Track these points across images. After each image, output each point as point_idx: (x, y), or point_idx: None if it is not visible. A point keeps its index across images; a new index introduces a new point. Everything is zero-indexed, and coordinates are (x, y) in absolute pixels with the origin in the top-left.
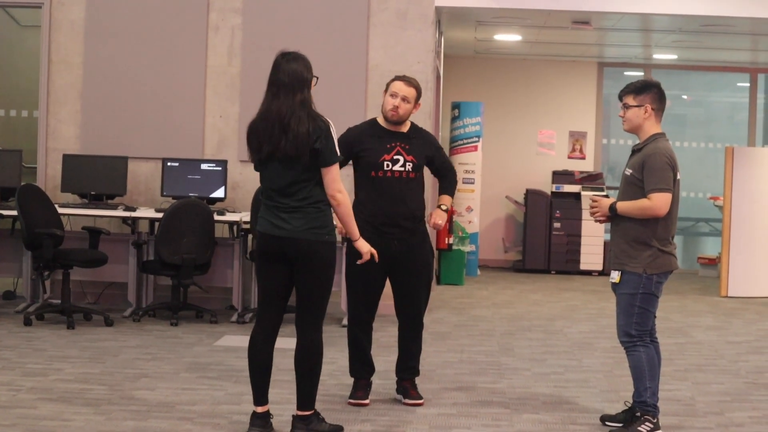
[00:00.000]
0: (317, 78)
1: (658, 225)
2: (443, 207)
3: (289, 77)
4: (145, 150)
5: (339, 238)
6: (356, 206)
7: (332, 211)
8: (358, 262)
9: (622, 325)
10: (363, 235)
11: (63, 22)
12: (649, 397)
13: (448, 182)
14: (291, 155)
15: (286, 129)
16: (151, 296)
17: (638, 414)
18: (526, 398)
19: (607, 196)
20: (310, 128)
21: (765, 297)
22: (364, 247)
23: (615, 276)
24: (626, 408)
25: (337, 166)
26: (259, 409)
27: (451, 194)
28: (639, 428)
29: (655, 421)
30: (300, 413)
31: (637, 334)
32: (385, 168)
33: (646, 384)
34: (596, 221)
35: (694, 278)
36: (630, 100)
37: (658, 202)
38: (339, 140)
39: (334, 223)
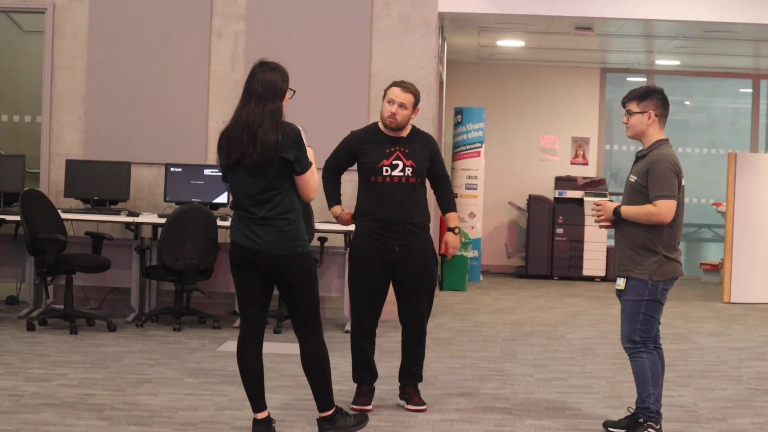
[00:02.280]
0: (294, 91)
1: (663, 231)
2: (456, 230)
3: (263, 86)
4: (148, 155)
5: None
6: (358, 212)
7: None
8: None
9: (626, 332)
10: (365, 240)
11: (66, 27)
12: (653, 404)
13: (447, 195)
14: (259, 164)
15: (254, 137)
16: (153, 301)
17: (641, 420)
18: (529, 404)
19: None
20: (278, 137)
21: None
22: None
23: (620, 283)
24: (629, 414)
25: (311, 172)
26: (260, 416)
27: (455, 209)
28: None
29: (658, 427)
30: (323, 415)
31: (641, 340)
32: (384, 173)
33: (650, 390)
34: (600, 226)
35: (697, 284)
36: (633, 107)
37: (663, 209)
38: (341, 143)
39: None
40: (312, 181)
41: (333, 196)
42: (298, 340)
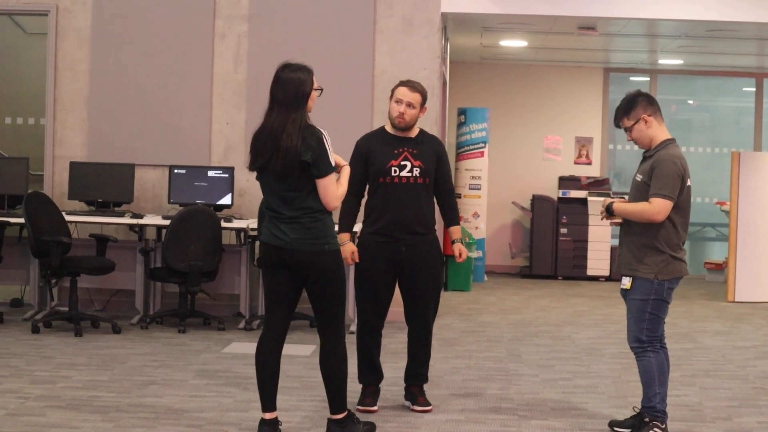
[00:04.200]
0: (321, 90)
1: (669, 230)
2: (462, 241)
3: (285, 93)
4: (152, 157)
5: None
6: (366, 212)
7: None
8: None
9: (632, 331)
10: (372, 239)
11: (69, 29)
12: (659, 403)
13: (450, 207)
14: (280, 170)
15: (277, 145)
16: (158, 303)
17: (647, 419)
18: (534, 404)
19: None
20: (298, 143)
21: None
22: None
23: (626, 282)
24: (635, 413)
25: (332, 177)
26: (268, 416)
27: (458, 222)
28: None
29: (663, 426)
30: (334, 417)
31: (648, 339)
32: (393, 174)
33: (656, 390)
34: (611, 224)
35: (701, 283)
36: (626, 122)
37: (657, 206)
38: (352, 156)
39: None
40: (332, 188)
41: (346, 222)
42: (320, 338)
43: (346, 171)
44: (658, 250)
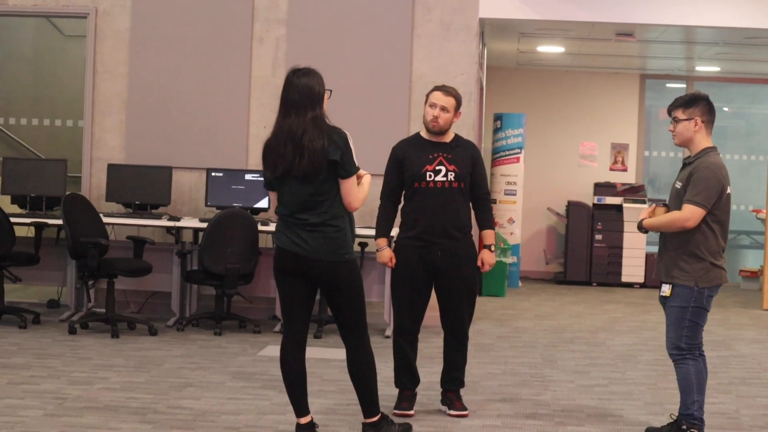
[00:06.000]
0: (330, 91)
1: (709, 238)
2: (492, 248)
3: (300, 94)
4: (190, 160)
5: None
6: (403, 217)
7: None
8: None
9: (671, 338)
10: (408, 244)
11: (108, 32)
12: (696, 411)
13: (485, 212)
14: (307, 171)
15: (300, 147)
16: (194, 306)
17: (684, 427)
18: (570, 410)
19: (665, 204)
20: (325, 143)
21: None
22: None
23: (666, 289)
24: (671, 421)
25: (355, 182)
26: (302, 420)
27: (493, 227)
28: None
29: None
30: (367, 421)
31: (687, 347)
32: (428, 178)
33: (694, 397)
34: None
35: (736, 291)
36: (680, 114)
37: (688, 213)
38: (387, 163)
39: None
40: (355, 190)
41: (383, 228)
42: (345, 345)
43: (367, 177)
44: (698, 257)
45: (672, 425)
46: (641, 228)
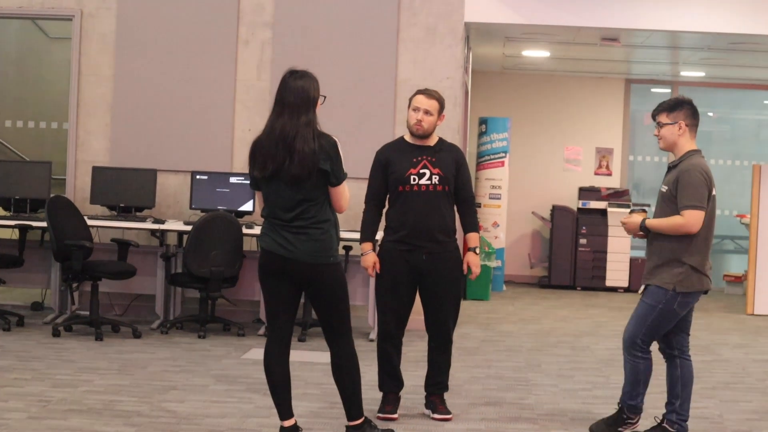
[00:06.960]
0: (324, 97)
1: (692, 243)
2: (477, 250)
3: (295, 96)
4: (174, 163)
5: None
6: (387, 221)
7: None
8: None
9: (630, 331)
10: (393, 247)
11: (93, 34)
12: (641, 402)
13: (470, 215)
14: (297, 175)
15: (291, 149)
16: (178, 309)
17: (624, 416)
18: (554, 414)
19: (645, 208)
20: (315, 147)
21: None
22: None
23: (642, 289)
24: (655, 424)
25: (345, 184)
26: (286, 423)
27: (477, 230)
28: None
29: (635, 420)
30: (351, 424)
31: (641, 344)
32: (412, 182)
33: (640, 390)
34: (635, 236)
35: (720, 296)
36: (663, 118)
37: (690, 219)
38: (372, 167)
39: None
40: (346, 193)
41: (367, 232)
42: (329, 348)
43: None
44: (679, 261)
45: (655, 428)
46: (643, 228)
